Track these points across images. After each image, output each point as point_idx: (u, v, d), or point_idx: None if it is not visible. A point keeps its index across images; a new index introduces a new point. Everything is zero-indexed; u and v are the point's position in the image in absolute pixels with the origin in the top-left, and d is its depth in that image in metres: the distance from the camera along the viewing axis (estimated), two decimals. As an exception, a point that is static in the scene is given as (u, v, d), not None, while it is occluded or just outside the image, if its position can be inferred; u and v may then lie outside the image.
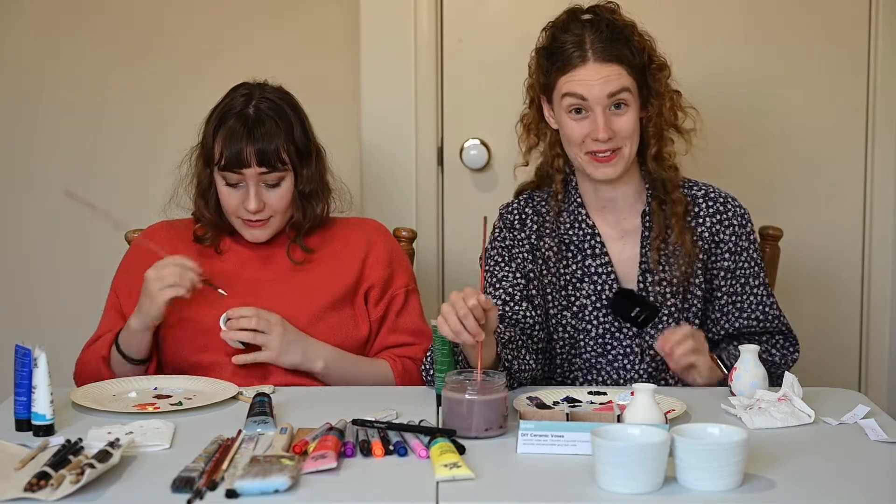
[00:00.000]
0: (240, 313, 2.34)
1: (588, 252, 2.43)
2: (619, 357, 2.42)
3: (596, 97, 2.34)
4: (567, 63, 2.35)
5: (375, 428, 1.96)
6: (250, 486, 1.71)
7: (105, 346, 2.40)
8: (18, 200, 3.33)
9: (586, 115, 2.36)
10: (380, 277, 2.51)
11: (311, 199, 2.48)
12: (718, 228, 2.44)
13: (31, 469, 1.78)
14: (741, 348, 2.20)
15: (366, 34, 3.11)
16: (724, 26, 3.10)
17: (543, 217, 2.47)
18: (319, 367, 2.37)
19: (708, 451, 1.73)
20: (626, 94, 2.36)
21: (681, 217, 2.42)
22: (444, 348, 2.14)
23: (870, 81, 3.11)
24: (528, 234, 2.46)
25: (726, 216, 2.44)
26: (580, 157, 2.39)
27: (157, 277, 2.33)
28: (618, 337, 2.42)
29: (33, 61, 3.27)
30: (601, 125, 2.34)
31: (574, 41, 2.36)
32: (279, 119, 2.42)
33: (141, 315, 2.36)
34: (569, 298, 2.43)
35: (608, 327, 2.42)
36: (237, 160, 2.39)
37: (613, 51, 2.35)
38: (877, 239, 3.15)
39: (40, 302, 3.35)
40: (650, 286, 2.41)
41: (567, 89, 2.36)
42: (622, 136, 2.37)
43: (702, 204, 2.45)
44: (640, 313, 2.40)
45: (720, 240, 2.43)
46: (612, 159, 2.37)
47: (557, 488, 1.76)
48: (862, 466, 1.86)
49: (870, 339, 3.18)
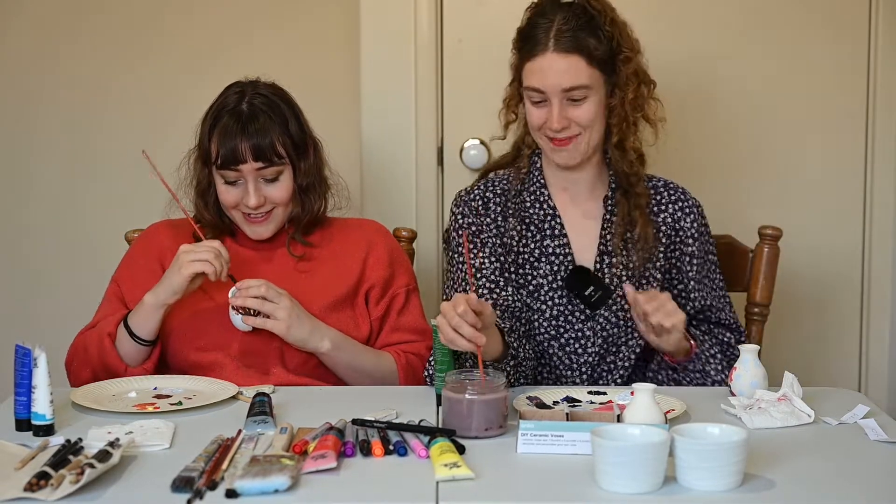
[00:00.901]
0: (248, 283, 2.34)
1: (547, 232, 2.45)
2: (571, 341, 2.44)
3: (551, 89, 2.37)
4: (531, 50, 2.39)
5: (375, 428, 1.96)
6: (250, 486, 1.71)
7: (111, 325, 2.39)
8: (19, 200, 3.32)
9: (544, 103, 2.39)
10: (380, 277, 2.51)
11: (309, 193, 2.49)
12: (679, 216, 2.48)
13: (31, 469, 1.78)
14: (741, 348, 2.20)
15: (366, 34, 3.11)
16: (724, 26, 3.10)
17: (506, 197, 2.50)
18: (326, 347, 2.37)
19: (708, 450, 1.73)
20: (583, 89, 2.37)
21: (643, 209, 2.45)
22: (444, 349, 2.14)
23: (870, 81, 3.11)
24: (494, 217, 2.49)
25: (686, 204, 2.49)
26: (540, 140, 2.44)
27: (190, 250, 2.33)
28: (570, 320, 2.44)
29: (33, 61, 3.27)
30: (555, 116, 2.38)
31: (544, 27, 2.38)
32: (273, 113, 2.43)
33: (161, 289, 2.35)
34: (525, 277, 2.45)
35: (562, 309, 2.44)
36: (233, 157, 2.39)
37: (575, 41, 2.36)
38: (877, 239, 3.15)
39: (41, 302, 3.35)
40: (606, 268, 2.44)
41: (527, 80, 2.40)
42: (579, 124, 2.39)
43: (663, 192, 2.50)
44: (594, 292, 2.42)
45: (681, 227, 2.48)
46: (567, 144, 2.41)
47: (557, 488, 1.76)
48: (862, 466, 1.86)
49: (870, 339, 3.18)
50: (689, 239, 2.47)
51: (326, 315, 2.43)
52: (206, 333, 2.41)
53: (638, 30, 2.48)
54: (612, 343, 2.44)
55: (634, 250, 2.44)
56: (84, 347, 2.41)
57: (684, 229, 2.48)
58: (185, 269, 2.32)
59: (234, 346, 2.40)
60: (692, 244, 2.47)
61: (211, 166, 2.44)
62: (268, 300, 2.33)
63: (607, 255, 2.44)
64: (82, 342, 2.43)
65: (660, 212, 2.48)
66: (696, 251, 2.47)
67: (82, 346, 2.42)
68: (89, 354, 2.39)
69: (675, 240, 2.48)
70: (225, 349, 2.40)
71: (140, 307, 2.37)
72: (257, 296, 2.32)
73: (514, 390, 2.21)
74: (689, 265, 2.47)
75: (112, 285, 2.52)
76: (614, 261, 2.44)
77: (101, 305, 2.51)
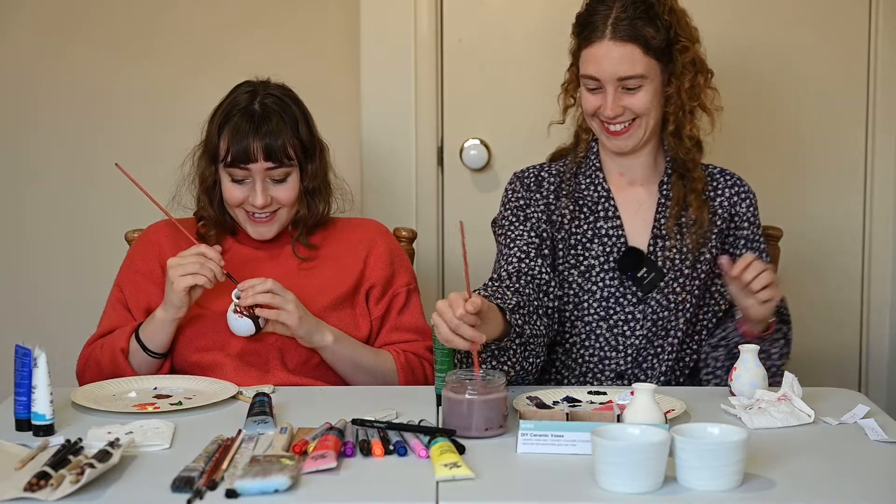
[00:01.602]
0: (251, 282, 2.32)
1: (601, 214, 2.46)
2: (620, 323, 2.44)
3: (606, 77, 2.38)
4: (588, 37, 2.40)
5: (375, 428, 1.96)
6: (250, 486, 1.71)
7: (123, 339, 2.39)
8: (19, 200, 3.33)
9: (599, 90, 2.40)
10: (381, 277, 2.51)
11: (314, 196, 2.49)
12: (735, 201, 2.49)
13: (31, 469, 1.78)
14: (741, 348, 2.20)
15: (366, 34, 3.11)
16: (723, 26, 3.10)
17: (561, 178, 2.51)
18: (329, 340, 2.37)
19: (708, 450, 1.73)
20: (639, 78, 2.38)
21: (699, 193, 2.46)
22: (443, 348, 2.14)
23: (870, 81, 3.11)
24: (546, 195, 2.49)
25: (742, 189, 2.51)
26: (594, 125, 2.45)
27: (177, 265, 2.33)
28: (621, 302, 2.44)
29: (33, 61, 3.27)
30: (609, 103, 2.39)
31: (602, 14, 2.39)
32: (284, 114, 2.43)
33: (167, 305, 2.35)
34: (577, 258, 2.45)
35: (612, 291, 2.44)
36: (244, 155, 2.39)
37: (632, 30, 2.37)
38: (877, 239, 3.15)
39: (41, 302, 3.35)
40: (660, 251, 2.44)
41: (583, 67, 2.41)
42: (634, 111, 2.40)
43: (719, 178, 2.51)
44: (647, 274, 2.42)
45: (736, 212, 2.49)
46: (624, 133, 2.42)
47: (557, 488, 1.76)
48: (862, 466, 1.86)
49: (870, 339, 3.18)
50: (745, 223, 2.49)
51: (327, 314, 2.43)
52: (205, 334, 2.41)
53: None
54: (660, 327, 2.44)
55: (689, 233, 2.45)
56: (97, 361, 2.41)
57: (739, 214, 2.49)
58: (177, 285, 2.31)
59: (234, 345, 2.40)
60: (747, 228, 2.49)
61: (218, 164, 2.44)
62: (275, 293, 2.32)
63: (661, 238, 2.45)
64: (94, 356, 2.42)
65: (716, 196, 2.49)
66: (751, 235, 2.48)
67: (94, 359, 2.42)
68: (102, 368, 2.39)
69: (730, 224, 2.49)
70: (225, 349, 2.40)
71: (151, 322, 2.38)
72: (264, 292, 2.32)
73: (514, 390, 2.21)
74: (743, 248, 2.47)
75: (115, 291, 2.52)
76: (668, 244, 2.44)
77: (106, 312, 2.51)
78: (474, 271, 2.77)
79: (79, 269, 3.31)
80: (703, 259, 2.46)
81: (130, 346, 2.38)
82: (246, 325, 2.33)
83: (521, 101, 3.14)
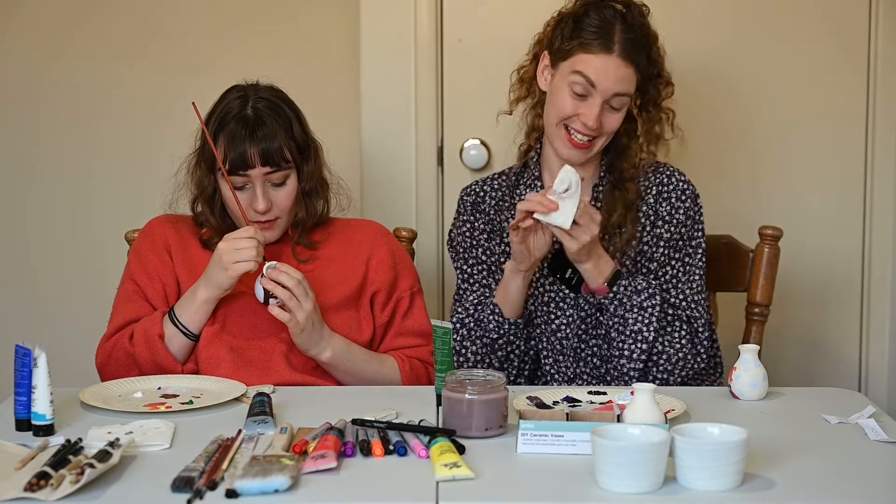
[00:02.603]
0: (286, 269, 2.32)
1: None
2: (563, 327, 2.47)
3: (604, 89, 2.39)
4: (593, 42, 2.40)
5: (375, 428, 1.96)
6: (250, 486, 1.71)
7: (157, 325, 2.37)
8: (19, 200, 3.33)
9: (585, 98, 2.41)
10: (385, 281, 2.51)
11: (312, 197, 2.49)
12: (658, 200, 2.50)
13: (30, 469, 1.78)
14: (740, 348, 2.20)
15: (366, 34, 3.11)
16: (723, 25, 3.10)
17: (501, 192, 2.56)
18: (326, 356, 2.38)
19: (708, 450, 1.73)
20: (627, 98, 2.43)
21: (630, 204, 2.48)
22: (444, 348, 2.14)
23: (870, 81, 3.11)
24: (487, 210, 2.56)
25: (666, 189, 2.51)
26: (557, 129, 2.45)
27: (231, 249, 2.32)
28: (561, 307, 2.48)
29: (33, 62, 3.27)
30: (594, 115, 2.40)
31: (605, 27, 2.40)
32: (278, 117, 2.43)
33: (212, 286, 2.35)
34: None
35: (552, 296, 2.48)
36: (242, 162, 2.39)
37: (636, 53, 2.41)
38: (877, 239, 3.15)
39: (41, 302, 3.35)
40: None
41: (581, 68, 2.41)
42: (606, 130, 2.44)
43: (651, 178, 2.52)
44: (574, 273, 2.45)
45: (656, 211, 2.50)
46: (586, 147, 2.44)
47: (557, 488, 1.75)
48: (862, 466, 1.86)
49: (870, 339, 3.18)
50: (660, 222, 2.49)
51: (329, 317, 2.42)
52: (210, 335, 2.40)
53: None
54: (589, 325, 2.47)
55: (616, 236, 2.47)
56: (127, 352, 2.38)
57: (660, 215, 2.49)
58: (232, 272, 2.31)
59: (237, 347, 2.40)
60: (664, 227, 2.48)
61: (216, 172, 2.44)
62: (295, 297, 2.32)
63: None
64: (121, 347, 2.39)
65: (645, 195, 2.51)
66: (671, 234, 2.48)
67: (122, 351, 2.39)
68: (137, 358, 2.37)
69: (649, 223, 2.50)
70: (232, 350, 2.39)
71: (192, 302, 2.37)
72: (287, 286, 2.31)
73: (514, 389, 2.21)
74: (661, 248, 2.48)
75: (127, 284, 2.48)
76: None
77: (118, 307, 2.48)
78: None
79: (79, 269, 3.31)
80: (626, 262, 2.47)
81: (167, 331, 2.38)
82: (260, 291, 2.34)
83: (521, 101, 3.14)
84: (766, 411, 2.08)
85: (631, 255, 2.48)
